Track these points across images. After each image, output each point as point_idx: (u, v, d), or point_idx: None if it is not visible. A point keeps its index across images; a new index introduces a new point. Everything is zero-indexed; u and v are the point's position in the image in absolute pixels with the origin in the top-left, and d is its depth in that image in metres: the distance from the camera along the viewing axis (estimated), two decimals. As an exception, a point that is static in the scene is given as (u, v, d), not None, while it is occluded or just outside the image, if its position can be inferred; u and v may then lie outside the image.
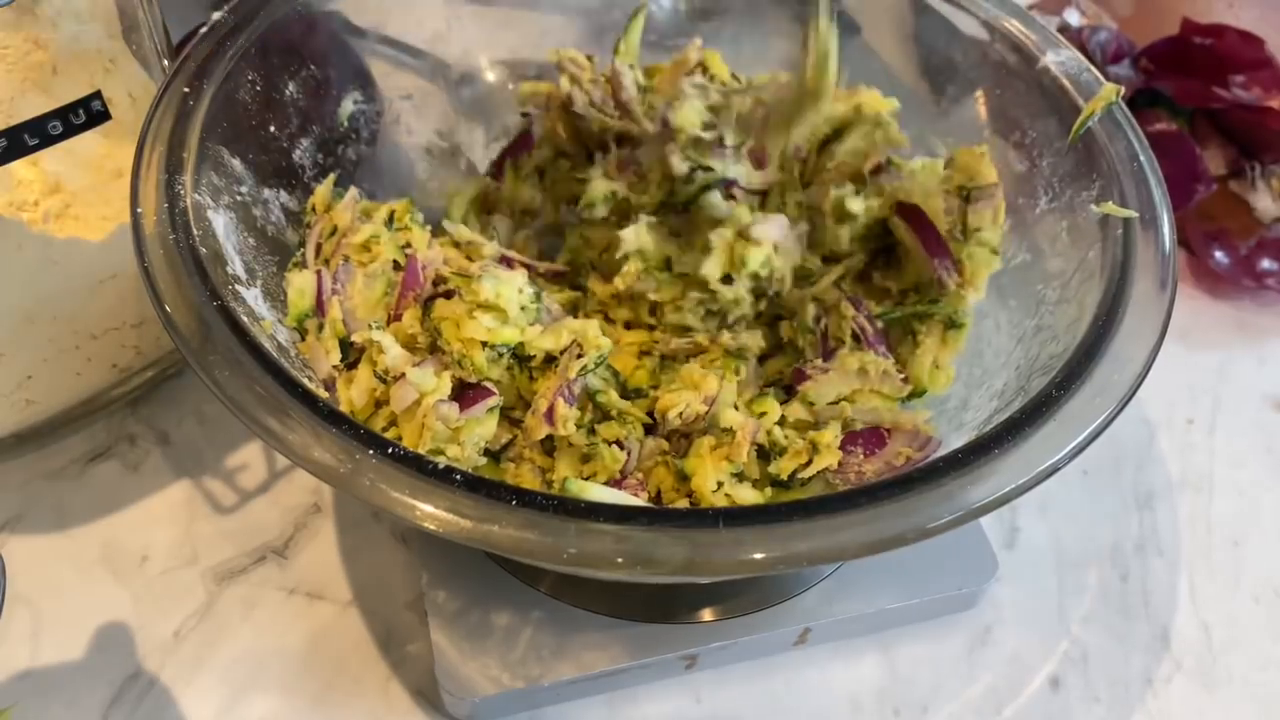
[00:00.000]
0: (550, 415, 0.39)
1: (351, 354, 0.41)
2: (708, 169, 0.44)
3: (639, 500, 0.38)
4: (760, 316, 0.47)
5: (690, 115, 0.45)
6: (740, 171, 0.45)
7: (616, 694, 0.44)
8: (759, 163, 0.46)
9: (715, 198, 0.45)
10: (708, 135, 0.45)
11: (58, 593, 0.45)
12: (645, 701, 0.44)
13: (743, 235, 0.43)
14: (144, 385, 0.50)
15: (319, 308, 0.41)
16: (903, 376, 0.42)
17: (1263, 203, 0.59)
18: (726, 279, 0.44)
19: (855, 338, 0.44)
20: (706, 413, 0.41)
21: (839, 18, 0.51)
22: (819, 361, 0.43)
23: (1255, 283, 0.59)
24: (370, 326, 0.40)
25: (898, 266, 0.46)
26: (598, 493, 0.37)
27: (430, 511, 0.30)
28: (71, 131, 0.42)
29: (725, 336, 0.43)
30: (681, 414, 0.41)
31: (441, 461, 0.31)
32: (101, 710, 0.43)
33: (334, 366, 0.40)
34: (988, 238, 0.43)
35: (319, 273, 0.42)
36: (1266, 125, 0.60)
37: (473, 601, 0.42)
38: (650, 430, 0.42)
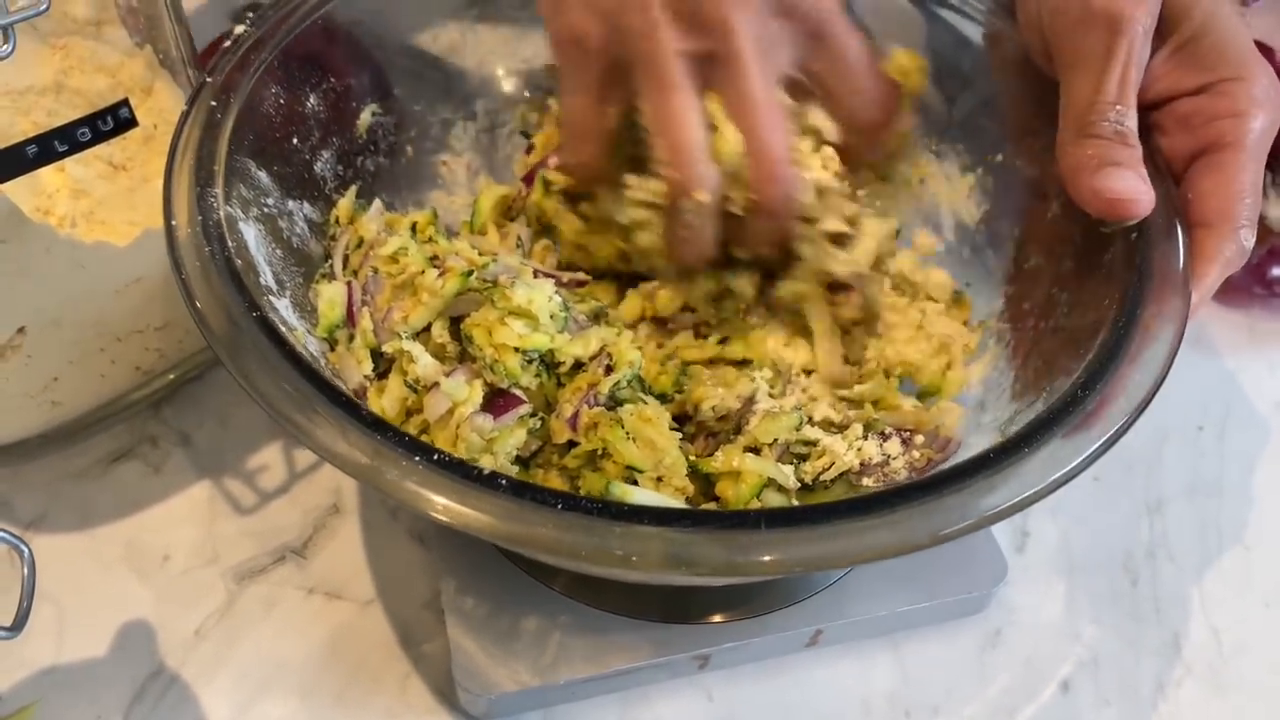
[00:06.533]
0: (574, 421, 0.40)
1: (382, 364, 0.42)
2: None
3: (679, 503, 0.39)
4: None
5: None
6: None
7: (630, 692, 0.44)
8: None
9: None
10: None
11: (81, 591, 0.46)
12: (658, 700, 0.44)
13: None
14: (166, 387, 0.51)
15: (349, 318, 0.42)
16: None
17: (1274, 211, 0.60)
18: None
19: None
20: (739, 410, 0.41)
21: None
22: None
23: (1266, 290, 0.59)
24: (400, 336, 0.41)
25: None
26: (640, 495, 0.38)
27: (475, 516, 0.31)
28: (100, 138, 0.42)
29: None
30: (715, 407, 0.41)
31: (485, 467, 0.32)
32: (123, 707, 0.43)
33: (365, 376, 0.41)
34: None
35: (349, 284, 0.43)
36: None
37: (490, 600, 0.43)
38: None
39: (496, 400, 0.40)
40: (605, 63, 0.40)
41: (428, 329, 0.42)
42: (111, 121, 0.43)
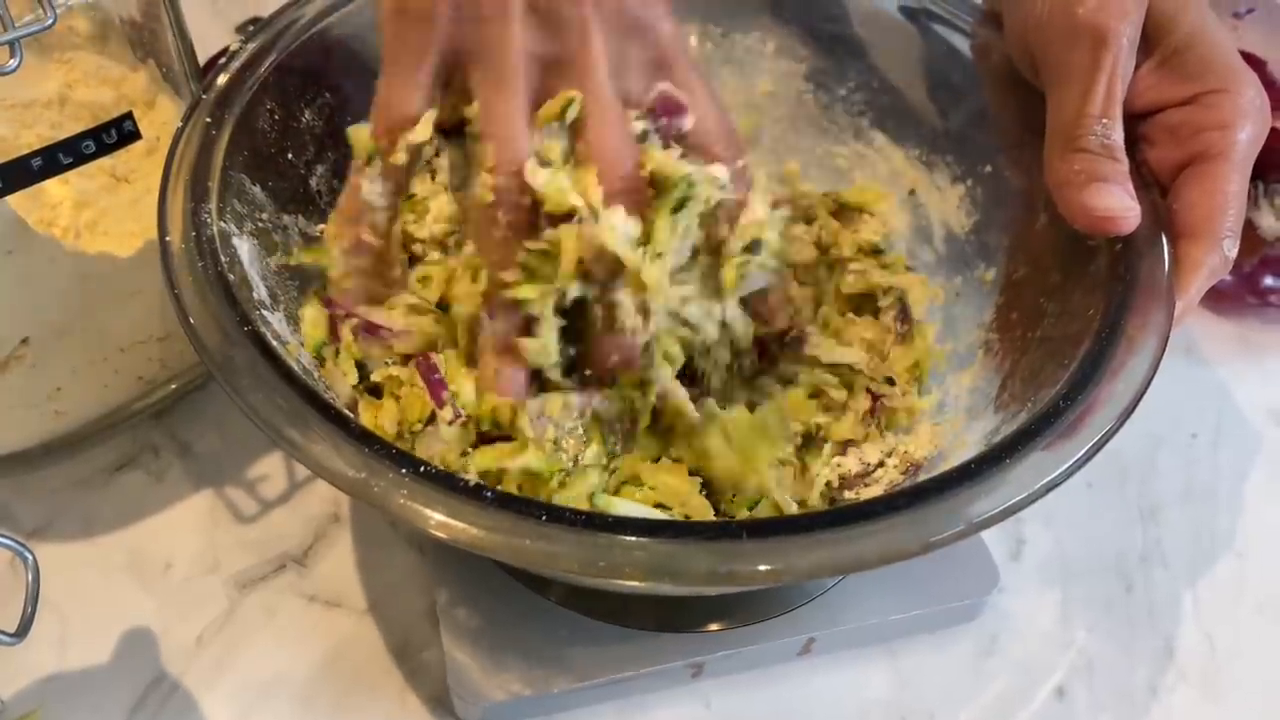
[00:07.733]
0: None
1: (368, 379, 0.42)
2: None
3: (663, 515, 0.39)
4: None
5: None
6: None
7: (627, 701, 0.45)
8: None
9: None
10: None
11: (84, 598, 0.47)
12: (656, 708, 0.45)
13: None
14: (168, 397, 0.52)
15: (333, 334, 0.43)
16: None
17: (1266, 221, 0.60)
18: None
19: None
20: None
21: (842, 42, 0.52)
22: None
23: (1259, 300, 0.59)
24: (386, 364, 0.41)
25: None
26: (624, 507, 0.38)
27: (461, 528, 0.31)
28: (104, 151, 0.43)
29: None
30: None
31: (470, 479, 0.32)
32: (125, 713, 0.44)
33: (354, 387, 0.42)
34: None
35: (328, 301, 0.43)
36: (1270, 145, 0.60)
37: (483, 610, 0.43)
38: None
39: (489, 441, 0.40)
40: (445, 47, 0.38)
41: None
42: (115, 134, 0.43)
